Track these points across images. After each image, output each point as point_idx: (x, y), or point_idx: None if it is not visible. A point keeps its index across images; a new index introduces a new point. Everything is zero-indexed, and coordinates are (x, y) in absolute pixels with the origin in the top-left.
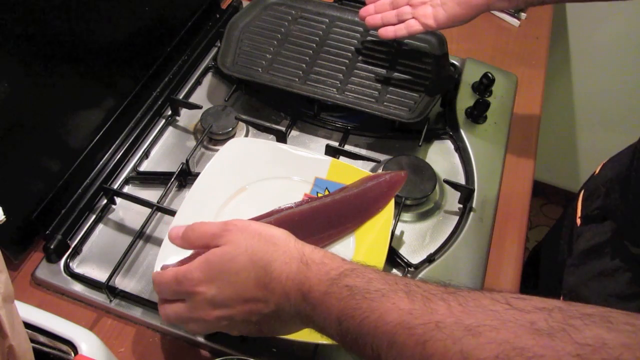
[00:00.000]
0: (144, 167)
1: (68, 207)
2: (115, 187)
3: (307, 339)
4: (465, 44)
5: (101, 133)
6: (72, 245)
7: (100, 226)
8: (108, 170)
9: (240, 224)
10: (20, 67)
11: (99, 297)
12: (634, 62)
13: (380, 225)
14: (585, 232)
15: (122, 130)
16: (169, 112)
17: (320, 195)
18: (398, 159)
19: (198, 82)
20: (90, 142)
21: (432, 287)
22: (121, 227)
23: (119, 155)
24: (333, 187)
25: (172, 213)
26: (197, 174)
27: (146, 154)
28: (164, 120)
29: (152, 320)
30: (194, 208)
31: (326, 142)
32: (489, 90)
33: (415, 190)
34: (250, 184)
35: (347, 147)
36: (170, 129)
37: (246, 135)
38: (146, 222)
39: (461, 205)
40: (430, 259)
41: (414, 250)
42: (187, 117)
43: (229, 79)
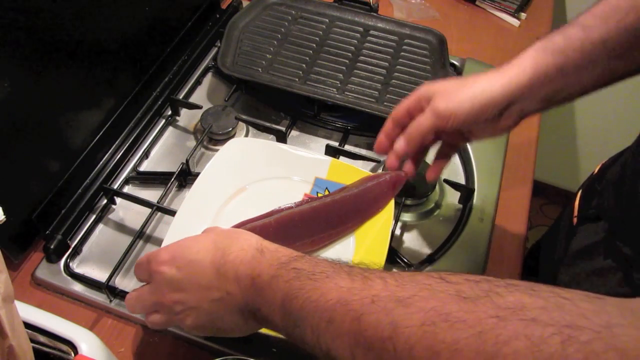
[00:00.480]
0: (144, 167)
1: (68, 207)
2: (115, 187)
3: None
4: (465, 44)
5: (101, 133)
6: (72, 245)
7: (100, 226)
8: (108, 170)
9: (210, 227)
10: (20, 67)
11: (99, 297)
12: None
13: (380, 225)
14: (580, 231)
15: (122, 130)
16: (169, 112)
17: (320, 195)
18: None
19: (198, 82)
20: (90, 142)
21: (373, 269)
22: (121, 227)
23: (119, 155)
24: (333, 187)
25: (172, 213)
26: (197, 174)
27: (146, 154)
28: (164, 120)
29: None
30: (194, 208)
31: (326, 142)
32: None
33: (415, 190)
34: (250, 184)
35: (347, 147)
36: (170, 129)
37: (246, 135)
38: (146, 222)
39: (461, 205)
40: (430, 259)
41: (414, 250)
42: (187, 117)
43: (229, 79)
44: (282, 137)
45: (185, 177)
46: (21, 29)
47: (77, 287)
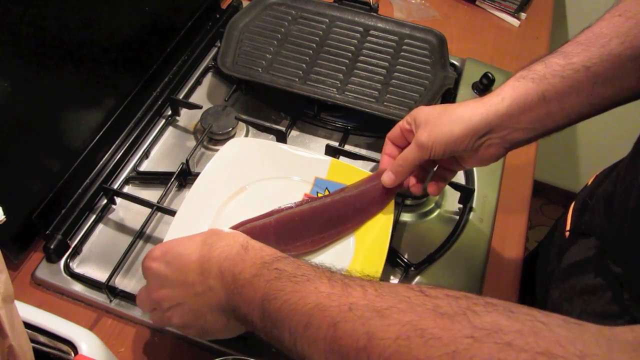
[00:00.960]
0: (144, 167)
1: (68, 207)
2: (115, 187)
3: None
4: (465, 44)
5: (101, 133)
6: (72, 245)
7: (100, 226)
8: (108, 170)
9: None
10: (20, 67)
11: (99, 297)
12: None
13: (380, 225)
14: (572, 247)
15: (122, 130)
16: (169, 112)
17: (320, 195)
18: None
19: (198, 82)
20: (90, 142)
21: (355, 277)
22: (121, 227)
23: (119, 155)
24: (333, 187)
25: (172, 213)
26: (197, 174)
27: (146, 154)
28: (164, 120)
29: None
30: (194, 208)
31: (326, 142)
32: (489, 90)
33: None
34: (250, 184)
35: (347, 147)
36: (170, 129)
37: (246, 135)
38: (146, 222)
39: (461, 205)
40: (430, 259)
41: (414, 250)
42: (187, 117)
43: (229, 79)
44: (282, 137)
45: (185, 177)
46: (21, 29)
47: (77, 287)
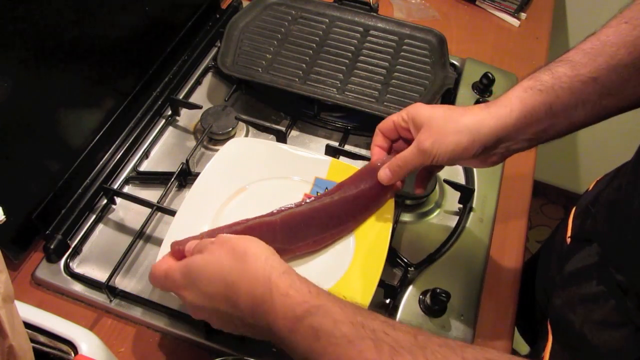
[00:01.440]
0: (144, 167)
1: (68, 207)
2: (115, 187)
3: None
4: (465, 44)
5: (101, 133)
6: (72, 245)
7: (100, 226)
8: (108, 170)
9: (222, 237)
10: (20, 67)
11: (99, 297)
12: None
13: (380, 225)
14: (573, 253)
15: (122, 130)
16: (169, 112)
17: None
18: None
19: (198, 82)
20: (90, 142)
21: (401, 336)
22: (121, 227)
23: (119, 155)
24: None
25: (172, 213)
26: (197, 174)
27: (146, 154)
28: (164, 120)
29: (152, 320)
30: (194, 208)
31: (326, 142)
32: (489, 90)
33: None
34: (250, 184)
35: (347, 147)
36: (170, 129)
37: (246, 135)
38: (146, 222)
39: (461, 205)
40: (430, 259)
41: (414, 250)
42: (187, 117)
43: (229, 79)
44: (282, 137)
45: (185, 177)
46: (21, 29)
47: (77, 287)
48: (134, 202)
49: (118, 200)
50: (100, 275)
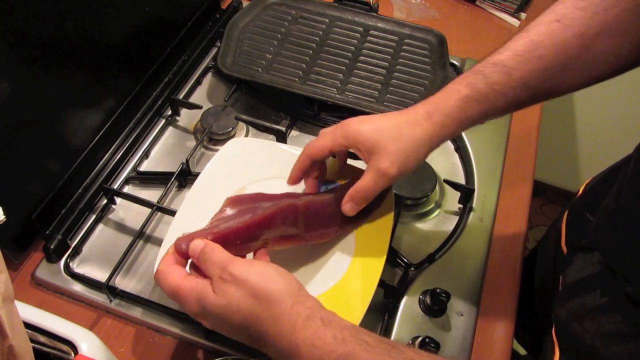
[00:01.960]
0: (144, 167)
1: (68, 207)
2: (115, 187)
3: None
4: (465, 44)
5: (101, 133)
6: (72, 245)
7: (100, 226)
8: (108, 170)
9: (239, 274)
10: (20, 67)
11: (99, 297)
12: None
13: (380, 225)
14: (573, 262)
15: (122, 130)
16: (169, 112)
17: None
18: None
19: (198, 82)
20: (90, 142)
21: None
22: (121, 227)
23: (119, 155)
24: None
25: (172, 213)
26: (197, 174)
27: (146, 154)
28: (164, 120)
29: (152, 320)
30: (194, 208)
31: None
32: None
33: (415, 190)
34: (250, 184)
35: None
36: (170, 129)
37: (246, 135)
38: (146, 222)
39: (461, 205)
40: (430, 259)
41: (414, 250)
42: (187, 117)
43: (229, 79)
44: (282, 137)
45: (185, 177)
46: (21, 29)
47: (77, 287)
48: (134, 202)
49: (118, 200)
50: (100, 275)
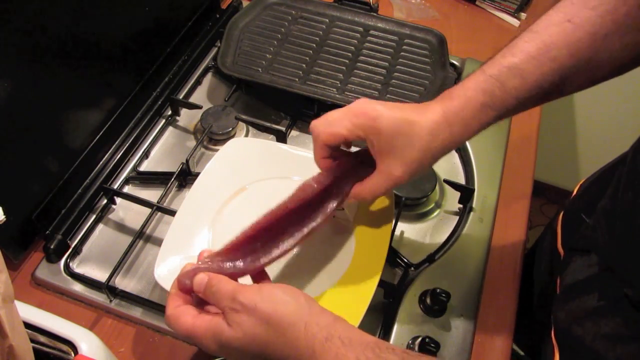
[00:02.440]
0: (144, 167)
1: (68, 207)
2: (115, 187)
3: None
4: (465, 44)
5: (101, 133)
6: (72, 245)
7: (100, 226)
8: (108, 170)
9: (248, 301)
10: (20, 67)
11: (99, 297)
12: None
13: (380, 225)
14: (570, 264)
15: (122, 130)
16: (169, 112)
17: None
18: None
19: (198, 82)
20: (90, 142)
21: None
22: (121, 227)
23: (119, 155)
24: None
25: (172, 213)
26: (197, 174)
27: (146, 154)
28: (164, 120)
29: (152, 320)
30: (194, 208)
31: None
32: None
33: (415, 190)
34: (250, 184)
35: None
36: (170, 129)
37: (246, 135)
38: (146, 222)
39: (461, 205)
40: (430, 259)
41: (414, 250)
42: (187, 117)
43: (229, 79)
44: (282, 137)
45: (185, 177)
46: (21, 29)
47: (77, 287)
48: (134, 202)
49: (118, 200)
50: (100, 275)
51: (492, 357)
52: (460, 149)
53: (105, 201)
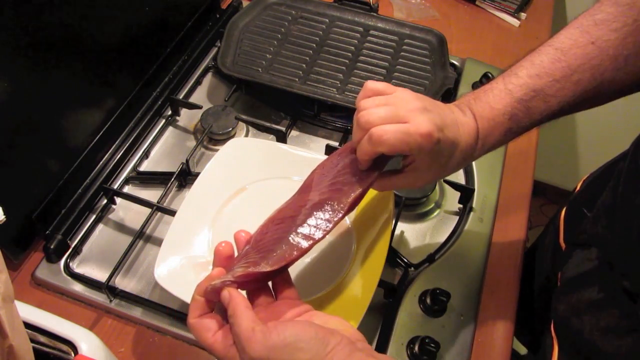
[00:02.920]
0: (144, 167)
1: (68, 207)
2: (115, 187)
3: None
4: (465, 44)
5: (101, 133)
6: (72, 245)
7: (100, 226)
8: (108, 170)
9: (257, 355)
10: (20, 67)
11: (99, 297)
12: None
13: (380, 225)
14: (571, 258)
15: (122, 130)
16: (169, 112)
17: None
18: (397, 159)
19: (198, 82)
20: (90, 142)
21: None
22: (121, 227)
23: (119, 155)
24: None
25: (172, 213)
26: (197, 174)
27: (146, 154)
28: (164, 120)
29: (152, 320)
30: (194, 208)
31: (326, 142)
32: None
33: (415, 190)
34: (250, 184)
35: None
36: (170, 129)
37: (246, 135)
38: (146, 222)
39: (461, 205)
40: (430, 259)
41: (414, 250)
42: (187, 117)
43: (229, 79)
44: (282, 137)
45: (185, 177)
46: (21, 29)
47: (77, 287)
48: (134, 202)
49: (118, 200)
50: (100, 275)
51: (492, 357)
52: None
53: (105, 201)
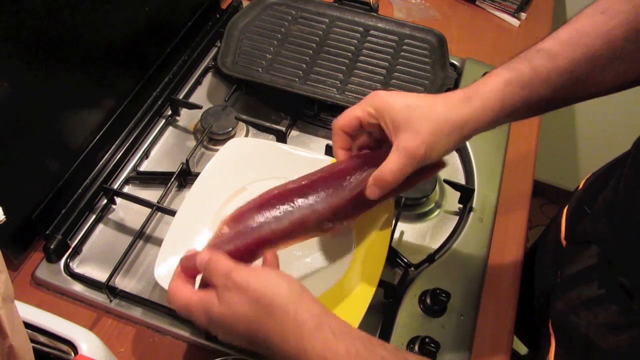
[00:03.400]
0: (144, 167)
1: (68, 207)
2: (115, 187)
3: None
4: (465, 44)
5: (101, 133)
6: (72, 245)
7: (100, 226)
8: (108, 170)
9: (241, 280)
10: (20, 67)
11: (99, 297)
12: None
13: (380, 225)
14: (571, 255)
15: (122, 130)
16: (169, 112)
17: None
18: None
19: (198, 82)
20: (90, 142)
21: None
22: (121, 227)
23: (119, 155)
24: None
25: (172, 213)
26: (197, 174)
27: (146, 154)
28: (164, 120)
29: (152, 320)
30: (194, 208)
31: (326, 142)
32: None
33: (415, 190)
34: (250, 184)
35: None
36: (170, 129)
37: (246, 135)
38: (146, 222)
39: (461, 205)
40: (430, 259)
41: (414, 250)
42: (187, 117)
43: (229, 79)
44: (282, 137)
45: (185, 177)
46: (21, 29)
47: (77, 287)
48: (134, 202)
49: (118, 200)
50: (100, 275)
51: (492, 357)
52: (460, 149)
53: (105, 201)
